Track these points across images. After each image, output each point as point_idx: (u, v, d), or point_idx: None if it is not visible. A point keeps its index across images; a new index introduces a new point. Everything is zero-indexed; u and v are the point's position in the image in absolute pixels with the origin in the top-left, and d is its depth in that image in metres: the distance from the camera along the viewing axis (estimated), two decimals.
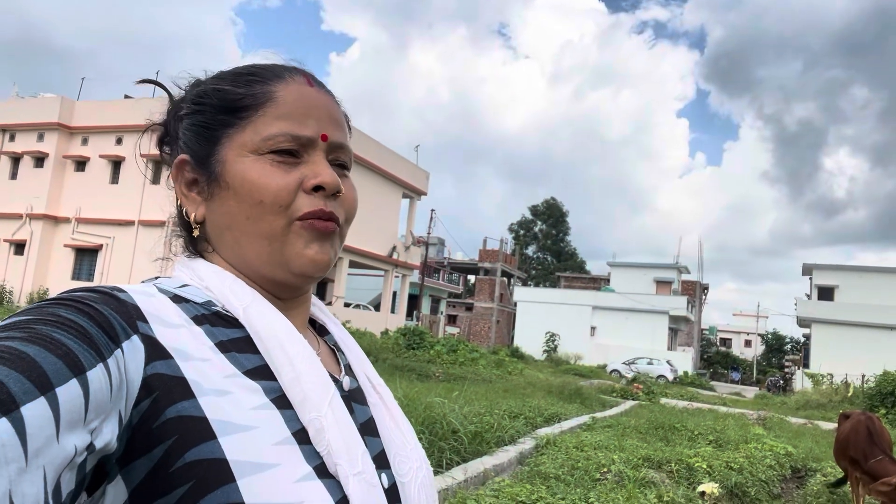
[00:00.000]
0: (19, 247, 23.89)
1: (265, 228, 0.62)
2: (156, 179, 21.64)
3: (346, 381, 0.68)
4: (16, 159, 24.73)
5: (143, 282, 0.63)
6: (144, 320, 0.53)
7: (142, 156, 0.87)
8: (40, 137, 24.28)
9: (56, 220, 23.93)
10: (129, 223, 22.10)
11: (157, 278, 0.64)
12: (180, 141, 0.67)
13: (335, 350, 0.73)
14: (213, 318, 0.60)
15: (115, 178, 23.25)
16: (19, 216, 23.68)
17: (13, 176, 24.68)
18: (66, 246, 23.48)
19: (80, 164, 24.13)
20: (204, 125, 0.65)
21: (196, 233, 0.67)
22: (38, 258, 23.43)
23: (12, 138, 24.81)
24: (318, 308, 0.76)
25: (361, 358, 0.75)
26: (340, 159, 0.68)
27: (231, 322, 0.60)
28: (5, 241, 23.98)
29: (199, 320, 0.58)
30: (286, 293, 0.66)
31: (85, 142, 24.13)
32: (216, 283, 0.62)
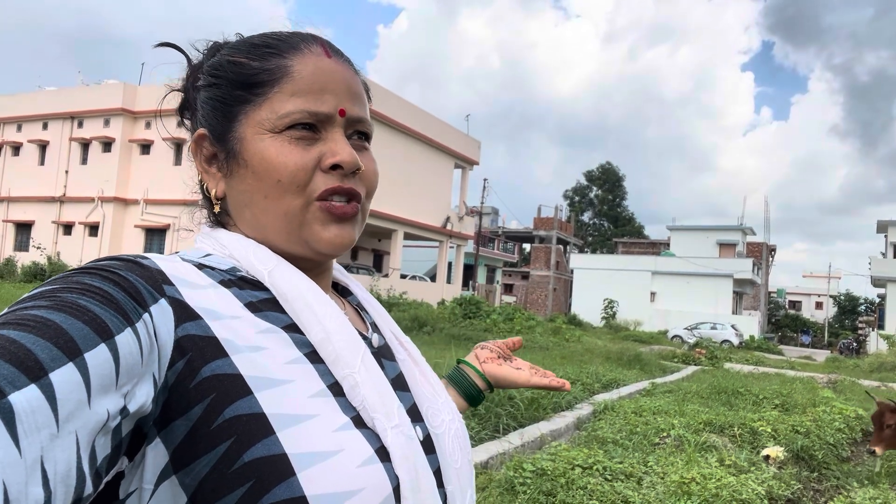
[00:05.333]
0: (93, 229, 25.16)
1: (283, 207, 0.62)
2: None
3: (375, 338, 0.69)
4: (85, 145, 25.90)
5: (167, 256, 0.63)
6: (170, 283, 0.54)
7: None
8: (106, 123, 25.31)
9: (126, 203, 25.03)
10: (194, 202, 22.87)
11: (177, 253, 0.64)
12: (199, 113, 0.67)
13: (359, 310, 0.74)
14: (239, 283, 0.60)
15: (178, 160, 24.06)
16: (91, 199, 24.89)
17: (84, 161, 25.89)
18: (136, 226, 24.57)
19: (145, 147, 25.08)
20: (221, 100, 0.64)
21: (217, 209, 0.67)
22: (112, 239, 24.61)
23: (80, 125, 25.97)
24: (339, 271, 0.77)
25: (386, 316, 0.76)
26: (360, 131, 0.67)
27: (257, 286, 0.61)
28: (80, 223, 25.30)
29: (225, 284, 0.59)
30: (309, 265, 0.66)
31: (148, 125, 25.01)
32: (239, 249, 0.62)
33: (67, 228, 25.93)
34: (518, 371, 0.94)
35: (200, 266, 0.60)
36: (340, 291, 0.77)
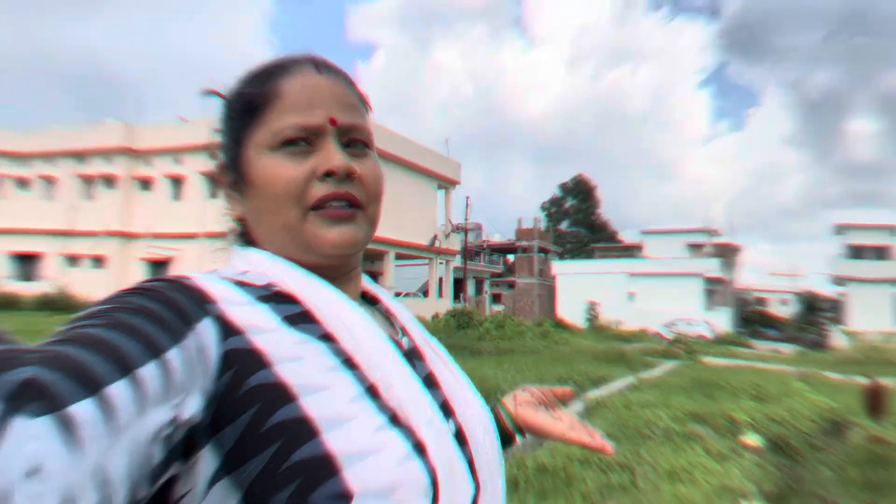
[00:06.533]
0: (99, 261, 24.98)
1: (283, 220, 0.63)
2: (214, 194, 22.31)
3: (405, 341, 0.69)
4: (89, 181, 25.78)
5: (204, 273, 0.63)
6: (213, 301, 0.55)
7: (200, 172, 0.93)
8: (108, 160, 25.23)
9: (129, 237, 24.89)
10: (194, 236, 22.85)
11: (215, 270, 0.64)
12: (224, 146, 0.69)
13: (388, 316, 0.74)
14: (275, 298, 0.60)
15: (176, 196, 24.03)
16: (97, 233, 24.74)
17: (89, 196, 25.75)
18: (141, 259, 24.44)
19: (146, 183, 25.01)
20: (232, 129, 0.66)
21: (237, 231, 0.69)
22: (117, 272, 24.45)
23: (84, 161, 25.84)
24: (367, 282, 0.77)
25: (414, 321, 0.75)
26: (357, 139, 0.66)
27: (291, 300, 0.61)
28: (87, 256, 25.11)
29: (262, 300, 0.59)
30: (330, 272, 0.66)
31: (149, 163, 24.97)
32: (269, 267, 0.63)
33: (74, 261, 25.72)
34: (555, 421, 0.83)
35: (238, 283, 0.60)
36: (370, 300, 0.77)
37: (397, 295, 27.08)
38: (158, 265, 24.27)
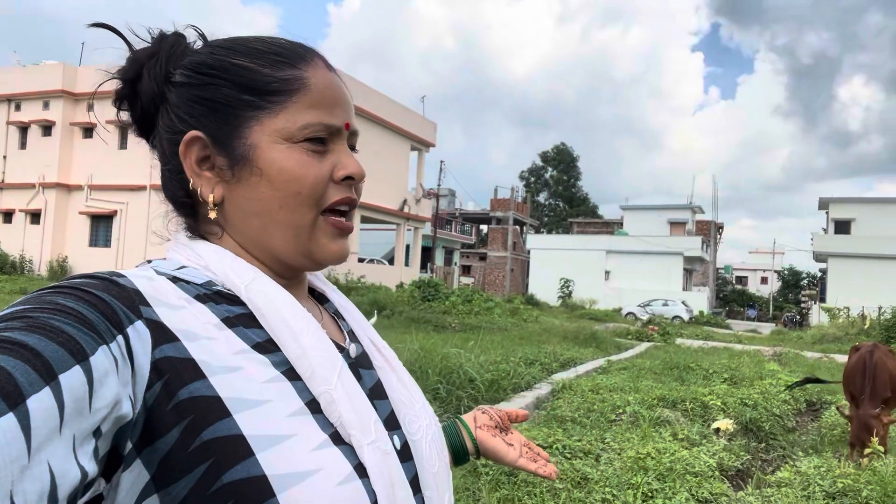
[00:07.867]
0: (35, 216, 24.11)
1: (296, 219, 0.63)
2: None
3: (352, 349, 0.69)
4: (23, 129, 24.70)
5: (138, 266, 0.62)
6: (147, 304, 0.53)
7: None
8: (46, 105, 24.16)
9: (69, 188, 24.04)
10: (141, 188, 22.16)
11: (149, 262, 0.63)
12: (178, 111, 0.63)
13: (336, 317, 0.74)
14: (215, 297, 0.60)
15: (123, 144, 23.22)
16: (32, 186, 23.82)
17: (22, 146, 24.71)
18: (80, 213, 23.66)
19: (88, 130, 24.07)
20: (223, 102, 0.62)
21: (213, 214, 0.64)
22: (55, 227, 23.67)
23: (18, 108, 24.73)
24: (316, 278, 0.77)
25: (363, 323, 0.77)
26: (353, 143, 0.70)
27: (234, 300, 0.60)
28: (21, 211, 24.22)
29: (201, 299, 0.58)
30: (293, 274, 0.67)
31: (91, 108, 23.97)
32: (216, 262, 0.62)
33: (7, 216, 24.77)
34: (508, 447, 0.94)
35: (175, 279, 0.60)
36: (318, 297, 0.76)
37: (361, 261, 26.90)
38: (101, 219, 23.57)
